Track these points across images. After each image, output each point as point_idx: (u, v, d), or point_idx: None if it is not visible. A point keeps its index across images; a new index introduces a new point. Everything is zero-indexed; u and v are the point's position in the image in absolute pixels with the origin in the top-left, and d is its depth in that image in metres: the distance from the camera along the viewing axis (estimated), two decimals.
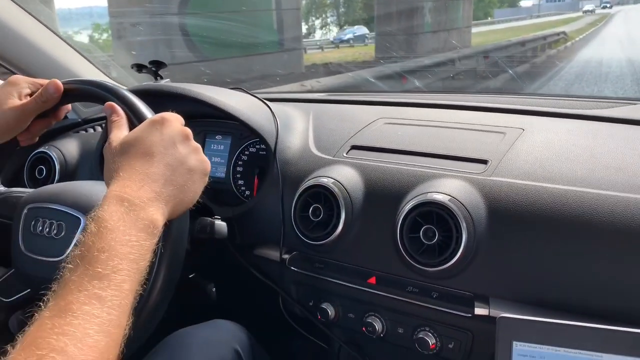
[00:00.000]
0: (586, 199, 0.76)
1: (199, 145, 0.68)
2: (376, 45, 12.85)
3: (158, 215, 0.59)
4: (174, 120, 0.67)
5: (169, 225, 0.72)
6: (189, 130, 0.68)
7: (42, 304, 0.49)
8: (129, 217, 0.56)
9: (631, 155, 0.84)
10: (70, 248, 0.72)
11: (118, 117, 0.73)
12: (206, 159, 0.68)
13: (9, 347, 0.44)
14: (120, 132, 0.69)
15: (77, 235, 0.80)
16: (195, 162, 0.66)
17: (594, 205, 0.75)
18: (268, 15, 9.91)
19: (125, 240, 0.54)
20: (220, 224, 0.91)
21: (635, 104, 1.08)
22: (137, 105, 0.77)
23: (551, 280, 0.76)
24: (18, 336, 0.45)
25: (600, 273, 0.72)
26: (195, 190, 0.66)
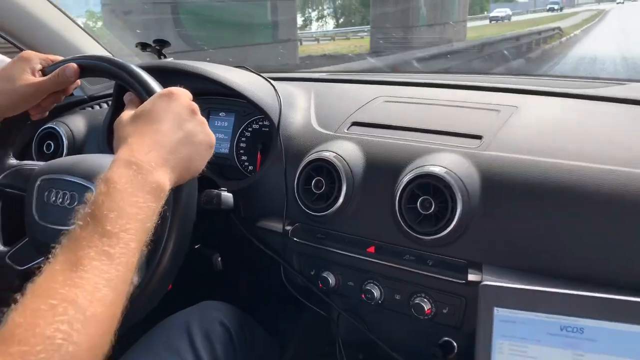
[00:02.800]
0: (576, 171, 0.80)
1: (204, 120, 0.71)
2: (371, 38, 12.71)
3: (165, 180, 0.61)
4: (182, 95, 0.70)
5: (179, 191, 0.76)
6: (195, 105, 0.70)
7: (50, 256, 0.51)
8: (136, 180, 0.58)
9: (620, 131, 0.88)
10: None
11: (132, 96, 0.77)
12: (211, 132, 0.71)
13: (17, 296, 0.46)
14: (132, 108, 0.72)
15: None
16: (201, 134, 0.68)
17: (584, 177, 0.79)
18: (263, 5, 9.74)
19: (133, 202, 0.56)
20: (227, 195, 0.95)
21: (624, 84, 1.12)
22: (147, 80, 0.80)
23: (541, 248, 0.80)
24: (27, 285, 0.47)
25: (588, 241, 0.77)
26: (200, 160, 0.69)
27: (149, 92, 0.78)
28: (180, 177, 0.66)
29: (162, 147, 0.63)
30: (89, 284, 0.48)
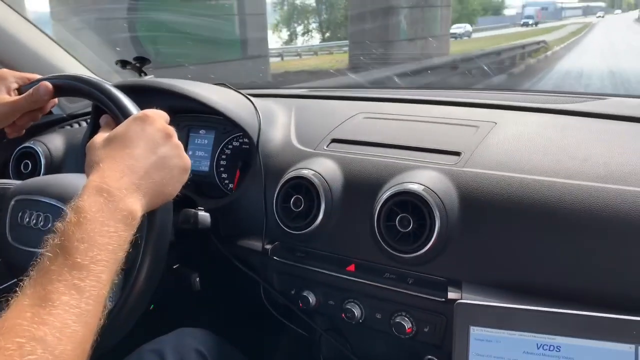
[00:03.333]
0: (554, 187, 0.80)
1: (180, 144, 0.70)
2: (349, 54, 11.94)
3: (137, 207, 0.60)
4: (157, 118, 0.69)
5: (152, 216, 0.75)
6: (171, 128, 0.69)
7: (18, 289, 0.49)
8: (107, 208, 0.57)
9: (597, 146, 0.88)
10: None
11: (108, 119, 0.76)
12: (187, 156, 0.70)
13: None
14: (106, 131, 0.71)
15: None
16: (175, 158, 0.67)
17: (561, 194, 0.79)
18: (230, 20, 9.39)
19: (104, 231, 0.55)
20: (204, 215, 0.94)
21: (603, 99, 1.13)
22: (123, 101, 0.79)
23: (520, 265, 0.80)
24: None
25: (567, 257, 0.77)
26: (174, 184, 0.68)
27: (125, 114, 0.77)
28: (153, 203, 0.65)
29: (134, 172, 0.62)
30: (58, 320, 0.47)
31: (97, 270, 0.52)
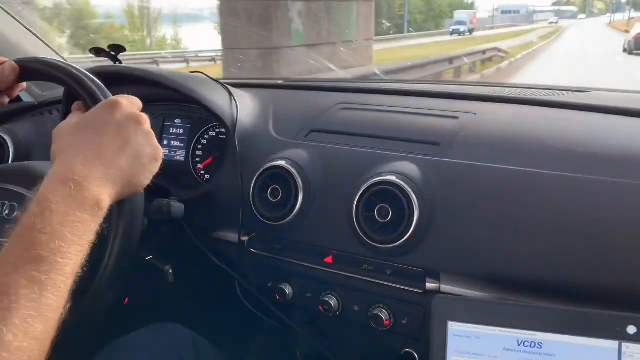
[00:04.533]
0: (533, 178, 0.79)
1: (151, 131, 0.67)
2: (224, 64, 8.39)
3: (104, 196, 0.58)
4: (128, 104, 0.66)
5: (122, 206, 0.72)
6: (143, 115, 0.67)
7: None
8: (72, 198, 0.54)
9: (577, 138, 0.88)
10: None
11: (79, 104, 0.73)
12: (158, 145, 0.67)
13: None
14: (75, 116, 0.69)
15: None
16: (146, 147, 0.65)
17: (540, 184, 0.79)
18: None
19: (68, 222, 0.53)
20: (177, 205, 0.91)
21: (585, 91, 1.13)
22: (92, 87, 0.76)
23: (499, 256, 0.79)
24: None
25: (547, 249, 0.76)
26: (145, 174, 0.65)
27: (94, 99, 0.74)
28: (122, 193, 0.63)
29: (102, 161, 0.60)
30: (15, 315, 0.45)
31: (60, 263, 0.50)
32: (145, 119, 0.67)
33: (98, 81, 0.77)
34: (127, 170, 0.62)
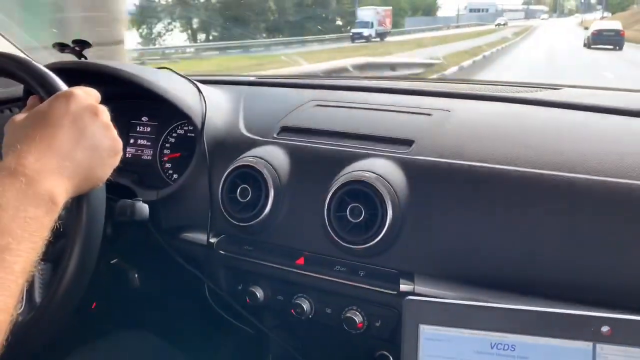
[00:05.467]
0: (508, 176, 0.78)
1: (109, 124, 0.64)
2: None
3: (59, 190, 0.55)
4: (85, 95, 0.63)
5: (81, 202, 0.69)
6: (100, 107, 0.64)
7: None
8: (24, 192, 0.52)
9: (551, 135, 0.87)
10: None
11: (36, 98, 0.70)
12: (117, 137, 0.65)
13: None
14: (28, 110, 0.65)
15: None
16: (104, 139, 0.62)
17: (514, 182, 0.77)
18: None
19: (19, 217, 0.50)
20: (141, 206, 0.88)
21: (558, 88, 1.13)
22: (47, 79, 0.73)
23: (474, 256, 0.77)
24: None
25: (519, 247, 0.75)
26: (103, 168, 0.63)
27: (48, 91, 0.71)
28: (79, 187, 0.60)
29: (55, 153, 0.57)
30: None
31: (9, 261, 0.48)
32: (103, 111, 0.64)
33: (52, 73, 0.73)
34: (84, 163, 0.60)
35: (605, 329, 0.58)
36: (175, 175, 1.10)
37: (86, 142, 0.60)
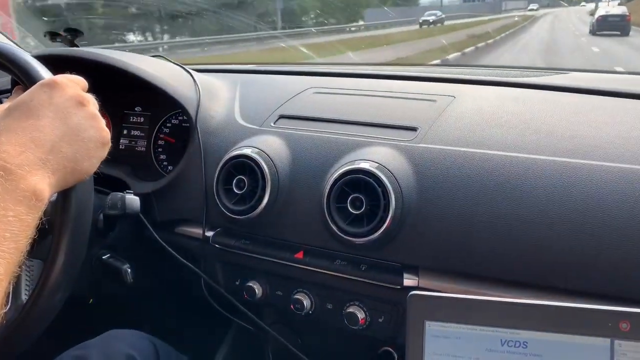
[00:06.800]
0: (516, 163, 0.74)
1: (96, 113, 0.60)
2: None
3: (43, 185, 0.52)
4: (70, 84, 0.60)
5: (67, 196, 0.66)
6: (86, 96, 0.60)
7: None
8: (5, 188, 0.48)
9: (560, 120, 0.83)
10: None
11: (18, 88, 0.67)
12: (105, 127, 0.61)
13: None
14: (11, 100, 0.61)
15: None
16: (91, 129, 0.58)
17: (525, 170, 0.73)
18: None
19: (0, 216, 0.47)
20: (132, 198, 0.84)
21: (565, 73, 1.08)
22: (30, 67, 0.69)
23: (480, 248, 0.73)
24: None
25: (533, 240, 0.70)
26: (90, 160, 0.59)
27: (31, 79, 0.67)
28: (64, 181, 0.56)
29: (38, 146, 0.53)
30: None
31: None
32: (89, 100, 0.60)
33: (35, 61, 0.69)
34: (69, 156, 0.56)
35: (624, 324, 0.54)
36: (170, 167, 1.07)
37: (71, 133, 0.56)
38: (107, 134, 0.61)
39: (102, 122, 0.61)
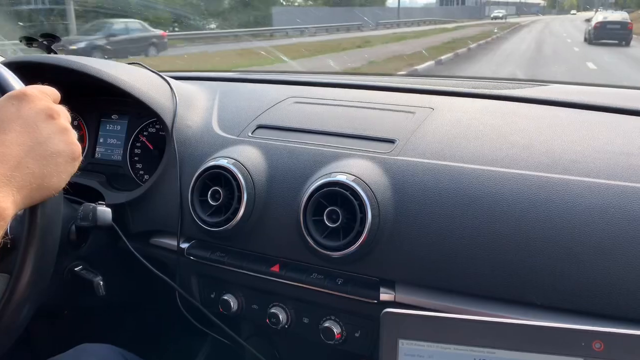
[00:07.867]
0: (492, 177, 0.73)
1: (67, 127, 0.58)
2: None
3: (6, 204, 0.50)
4: (39, 96, 0.57)
5: (33, 213, 0.64)
6: (57, 108, 0.58)
7: None
8: None
9: (538, 134, 0.82)
10: None
11: None
12: (75, 141, 0.59)
13: None
14: None
15: None
16: (60, 144, 0.56)
17: (502, 184, 0.72)
18: None
19: None
20: (104, 210, 0.82)
21: (546, 84, 1.08)
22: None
23: (456, 262, 0.73)
24: None
25: (509, 255, 0.70)
26: (59, 175, 0.57)
27: (1, 90, 0.65)
28: (30, 199, 0.54)
29: (3, 162, 0.51)
30: None
31: None
32: (60, 113, 0.58)
33: (6, 69, 0.67)
34: (36, 172, 0.54)
35: (597, 344, 0.54)
36: (146, 176, 1.05)
37: (40, 148, 0.54)
38: (77, 147, 0.59)
39: (73, 135, 0.59)
